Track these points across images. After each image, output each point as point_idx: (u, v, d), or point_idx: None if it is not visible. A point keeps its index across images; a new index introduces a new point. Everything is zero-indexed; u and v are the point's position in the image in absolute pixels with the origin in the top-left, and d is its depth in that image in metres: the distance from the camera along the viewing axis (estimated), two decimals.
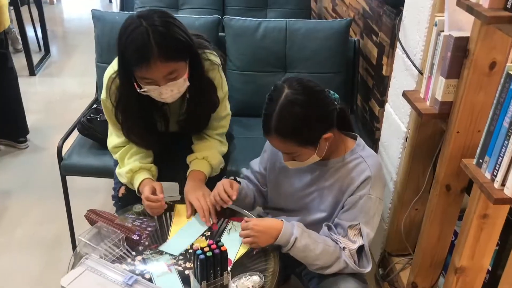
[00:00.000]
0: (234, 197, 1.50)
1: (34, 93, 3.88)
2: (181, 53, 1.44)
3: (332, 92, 1.40)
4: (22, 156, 3.05)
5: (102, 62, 2.24)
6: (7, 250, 2.30)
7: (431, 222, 1.64)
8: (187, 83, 1.51)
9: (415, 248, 2.03)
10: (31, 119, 3.34)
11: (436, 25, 1.41)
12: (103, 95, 1.62)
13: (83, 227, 1.51)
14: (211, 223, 1.53)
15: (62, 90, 3.98)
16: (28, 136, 3.14)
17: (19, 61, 4.20)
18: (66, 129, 2.10)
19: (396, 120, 1.88)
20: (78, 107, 3.41)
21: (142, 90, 1.46)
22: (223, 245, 1.21)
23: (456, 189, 1.54)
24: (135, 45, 1.37)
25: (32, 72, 4.16)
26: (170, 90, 1.47)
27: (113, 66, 1.56)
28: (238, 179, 1.61)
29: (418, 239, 1.74)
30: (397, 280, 1.96)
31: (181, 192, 1.78)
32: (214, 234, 1.50)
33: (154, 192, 1.57)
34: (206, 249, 1.19)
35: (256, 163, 1.68)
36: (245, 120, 2.27)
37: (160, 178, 1.81)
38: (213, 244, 1.20)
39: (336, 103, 1.38)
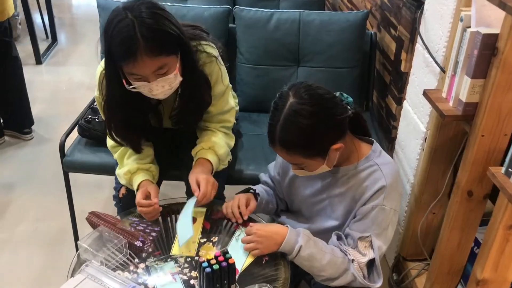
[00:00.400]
0: (245, 218, 1.45)
1: (40, 82, 3.82)
2: (171, 46, 1.35)
3: (345, 95, 1.31)
4: (27, 147, 2.98)
5: None
6: (8, 246, 2.25)
7: (451, 229, 1.57)
8: (180, 78, 1.41)
9: (431, 252, 1.96)
10: (37, 109, 3.28)
11: (462, 20, 1.32)
12: (96, 91, 1.54)
13: (87, 224, 1.44)
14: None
15: (69, 79, 3.91)
16: (33, 127, 3.08)
17: (25, 49, 4.14)
18: (72, 120, 2.02)
19: (414, 119, 1.79)
20: (85, 97, 3.35)
21: (131, 87, 1.37)
22: (230, 257, 1.13)
23: (478, 195, 1.46)
24: (121, 39, 1.28)
25: (38, 61, 4.08)
26: (161, 86, 1.37)
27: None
28: (257, 191, 1.53)
29: (436, 245, 1.66)
30: (412, 287, 1.88)
31: (188, 193, 1.71)
32: (222, 239, 1.42)
33: (148, 196, 1.48)
34: (213, 261, 1.11)
35: (272, 167, 1.60)
36: (255, 116, 2.18)
37: (166, 177, 1.74)
38: (220, 256, 1.12)
39: (349, 108, 1.29)
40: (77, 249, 2.09)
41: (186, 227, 1.39)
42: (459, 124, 1.52)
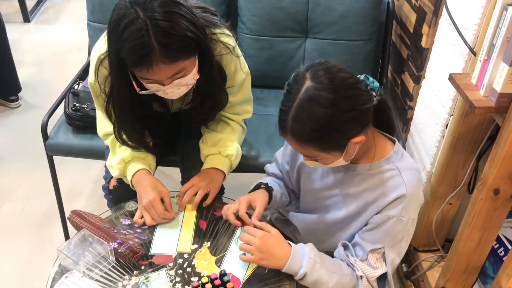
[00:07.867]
0: (251, 225, 1.28)
1: (28, 42, 3.59)
2: (189, 49, 1.18)
3: (371, 79, 1.11)
4: (14, 116, 2.81)
5: (94, 21, 1.97)
6: None
7: (472, 227, 1.43)
8: (197, 77, 1.26)
9: (444, 243, 1.83)
10: (24, 73, 3.08)
11: None
12: (91, 77, 1.35)
13: (77, 204, 1.29)
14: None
15: (60, 39, 3.67)
16: (20, 94, 2.89)
17: (11, 5, 3.88)
18: (63, 86, 1.84)
19: (435, 102, 1.62)
20: (76, 60, 3.14)
21: (143, 91, 1.23)
22: (229, 281, 0.98)
23: (506, 194, 1.32)
24: (133, 46, 1.10)
25: (26, 18, 3.83)
26: (177, 89, 1.23)
27: (103, 44, 1.27)
28: (269, 184, 1.36)
29: (454, 242, 1.52)
30: (423, 280, 1.77)
31: (184, 183, 1.56)
32: (219, 243, 1.27)
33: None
34: (209, 286, 0.96)
35: (280, 156, 1.43)
36: (258, 92, 2.00)
37: (161, 163, 1.57)
38: (216, 279, 0.97)
39: (374, 95, 1.09)
40: (65, 233, 1.98)
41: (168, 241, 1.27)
42: None
